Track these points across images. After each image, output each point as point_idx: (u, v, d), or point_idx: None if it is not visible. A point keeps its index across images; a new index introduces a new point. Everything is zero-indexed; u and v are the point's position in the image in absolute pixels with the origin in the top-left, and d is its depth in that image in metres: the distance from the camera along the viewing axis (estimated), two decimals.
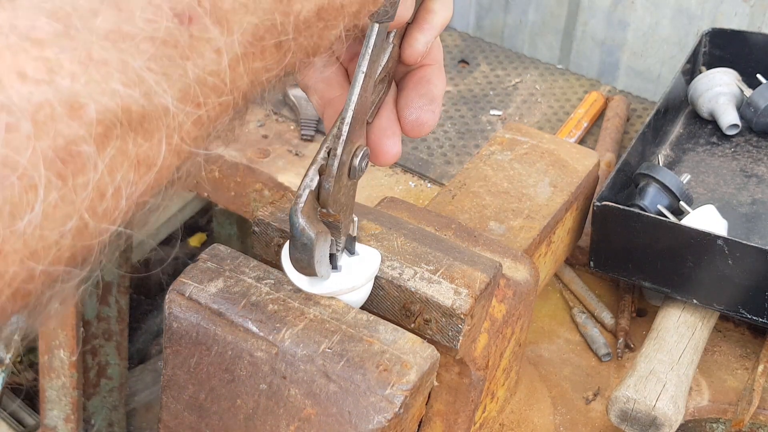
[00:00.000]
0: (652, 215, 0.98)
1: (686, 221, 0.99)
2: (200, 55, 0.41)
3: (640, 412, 0.87)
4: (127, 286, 1.65)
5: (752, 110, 1.19)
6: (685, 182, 1.05)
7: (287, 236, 0.67)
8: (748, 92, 1.20)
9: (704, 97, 1.22)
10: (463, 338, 0.65)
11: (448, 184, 0.94)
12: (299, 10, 0.46)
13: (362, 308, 0.65)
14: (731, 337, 1.04)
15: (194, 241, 2.26)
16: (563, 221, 0.93)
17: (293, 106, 1.36)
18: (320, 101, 0.63)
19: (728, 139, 1.21)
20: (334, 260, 0.62)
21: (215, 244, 0.67)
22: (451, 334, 0.65)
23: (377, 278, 0.66)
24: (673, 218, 1.02)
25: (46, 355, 1.53)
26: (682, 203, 1.04)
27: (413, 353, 0.60)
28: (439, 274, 0.66)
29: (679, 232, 0.94)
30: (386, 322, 0.62)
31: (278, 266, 0.64)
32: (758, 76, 1.22)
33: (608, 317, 1.06)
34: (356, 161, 0.58)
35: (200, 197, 1.75)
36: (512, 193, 0.91)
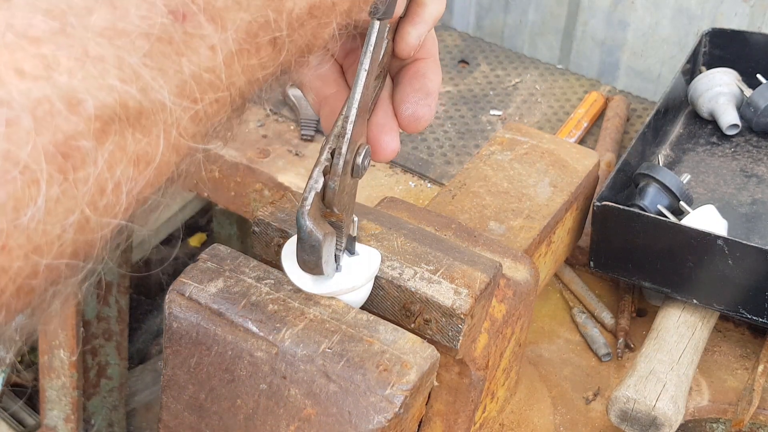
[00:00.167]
0: (652, 215, 0.98)
1: (686, 221, 0.99)
2: (195, 51, 0.41)
3: (640, 412, 0.87)
4: (127, 286, 1.65)
5: (752, 110, 1.19)
6: (685, 182, 1.05)
7: (287, 236, 0.67)
8: (748, 92, 1.20)
9: (704, 97, 1.22)
10: (463, 338, 0.65)
11: (448, 184, 0.94)
12: (291, 7, 0.46)
13: (362, 308, 0.65)
14: (731, 337, 1.04)
15: (194, 241, 2.26)
16: (563, 221, 0.93)
17: (293, 106, 1.36)
18: (316, 98, 0.64)
19: (728, 139, 1.21)
20: (336, 260, 0.62)
21: (215, 244, 0.67)
22: (451, 334, 0.65)
23: (377, 278, 0.66)
24: (673, 218, 1.02)
25: (46, 355, 1.53)
26: (682, 203, 1.04)
27: (413, 353, 0.60)
28: (439, 274, 0.66)
29: (679, 232, 0.94)
30: (386, 322, 0.62)
31: (278, 266, 0.64)
32: (758, 76, 1.22)
33: (608, 317, 1.06)
34: (359, 159, 0.58)
35: (200, 197, 1.76)
36: (512, 193, 0.91)
